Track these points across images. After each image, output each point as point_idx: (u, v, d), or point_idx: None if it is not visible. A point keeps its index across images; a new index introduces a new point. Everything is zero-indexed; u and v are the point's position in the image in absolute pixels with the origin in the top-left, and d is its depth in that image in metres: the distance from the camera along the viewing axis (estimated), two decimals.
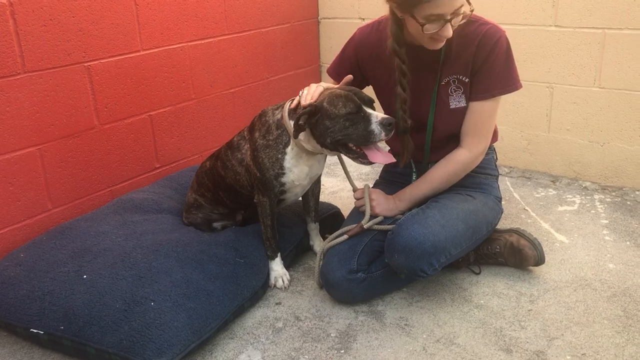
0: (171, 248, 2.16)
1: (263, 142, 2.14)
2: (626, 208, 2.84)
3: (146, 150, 2.89)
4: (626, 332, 1.96)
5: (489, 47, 2.04)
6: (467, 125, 2.16)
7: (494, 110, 2.15)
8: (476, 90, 2.11)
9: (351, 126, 1.97)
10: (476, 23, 2.06)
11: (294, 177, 2.16)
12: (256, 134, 2.17)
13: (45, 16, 2.35)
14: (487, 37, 2.04)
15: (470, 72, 2.09)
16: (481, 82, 2.09)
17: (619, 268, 2.33)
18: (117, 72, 2.67)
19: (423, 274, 1.98)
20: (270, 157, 2.13)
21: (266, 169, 2.14)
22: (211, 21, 3.10)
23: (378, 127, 1.95)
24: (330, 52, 3.91)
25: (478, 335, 1.97)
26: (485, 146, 2.20)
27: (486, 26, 2.06)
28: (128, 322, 1.85)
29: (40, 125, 2.40)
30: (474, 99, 2.12)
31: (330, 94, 2.01)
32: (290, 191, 2.23)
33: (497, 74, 2.08)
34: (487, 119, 2.15)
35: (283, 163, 2.13)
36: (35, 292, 1.99)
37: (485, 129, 2.18)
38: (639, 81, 2.88)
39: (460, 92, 2.13)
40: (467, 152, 2.17)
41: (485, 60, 2.06)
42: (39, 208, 2.46)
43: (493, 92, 2.10)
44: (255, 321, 2.10)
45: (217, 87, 3.23)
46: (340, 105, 1.97)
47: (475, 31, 2.05)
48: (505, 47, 2.06)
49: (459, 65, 2.09)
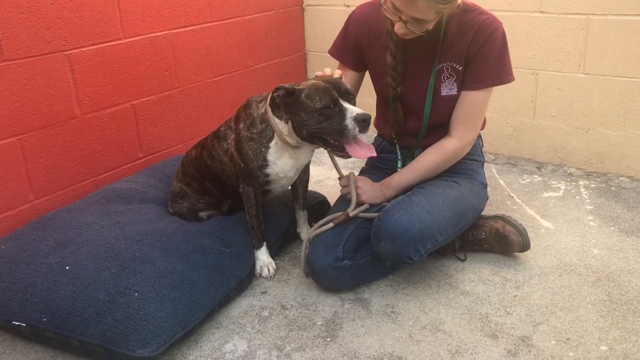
0: (155, 238, 2.14)
1: (247, 134, 2.12)
2: (610, 194, 2.86)
3: (129, 140, 2.85)
4: (610, 316, 1.97)
5: (484, 37, 2.03)
6: (458, 114, 2.15)
7: (486, 101, 2.15)
8: (469, 79, 2.10)
9: (325, 120, 1.95)
10: (474, 12, 2.05)
11: (278, 170, 2.14)
12: (241, 125, 2.15)
13: (23, 3, 2.30)
14: (484, 27, 2.03)
15: (464, 60, 2.08)
16: (474, 71, 2.09)
17: (603, 253, 2.34)
18: (98, 61, 2.62)
19: (409, 261, 1.98)
20: (254, 149, 2.11)
21: (250, 160, 2.12)
22: (194, 8, 3.06)
23: (352, 123, 1.91)
24: (315, 39, 3.88)
25: (464, 322, 1.97)
26: (474, 136, 2.20)
27: (484, 16, 2.05)
28: (112, 313, 1.83)
29: (20, 115, 2.36)
30: (467, 88, 2.12)
31: (311, 85, 1.98)
32: (275, 182, 2.22)
33: (491, 64, 2.07)
34: (478, 110, 2.15)
35: (267, 156, 2.11)
36: (17, 284, 1.96)
37: (476, 119, 2.17)
38: (622, 67, 2.89)
39: (452, 79, 2.12)
40: (456, 142, 2.17)
41: (480, 49, 2.05)
42: (20, 199, 2.42)
43: (486, 82, 2.09)
44: (241, 310, 2.09)
45: (200, 75, 3.19)
46: (316, 99, 1.94)
47: (472, 20, 2.04)
48: (501, 39, 2.06)
49: (454, 53, 2.08)
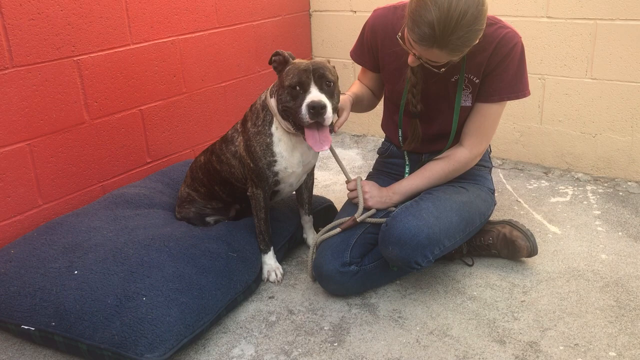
0: (163, 243, 2.15)
1: (254, 129, 2.15)
2: (618, 199, 2.85)
3: (137, 145, 2.87)
4: (619, 322, 1.96)
5: (505, 52, 2.03)
6: (471, 125, 2.16)
7: (499, 113, 2.15)
8: (485, 92, 2.10)
9: (291, 100, 1.98)
10: (495, 26, 2.04)
11: (286, 164, 2.15)
12: (249, 124, 2.18)
13: (33, 10, 2.32)
14: (505, 41, 2.02)
15: (482, 73, 2.08)
16: (492, 84, 2.08)
17: (611, 258, 2.33)
18: (107, 66, 2.64)
19: (417, 266, 1.98)
20: (261, 143, 2.12)
21: (258, 157, 2.13)
22: (202, 14, 3.08)
23: (305, 108, 1.93)
24: (322, 44, 3.89)
25: (471, 327, 1.97)
26: (485, 147, 2.21)
27: (504, 30, 2.04)
28: (120, 318, 1.84)
29: (29, 121, 2.38)
30: (482, 100, 2.12)
31: (298, 62, 2.02)
32: (284, 181, 2.22)
33: (509, 79, 2.07)
34: (491, 122, 2.16)
35: (273, 148, 2.12)
36: (26, 289, 1.97)
37: (488, 131, 2.18)
38: (630, 72, 2.88)
39: (468, 91, 2.12)
40: (468, 152, 2.17)
41: (499, 64, 2.04)
42: (29, 204, 2.44)
43: (502, 96, 2.09)
44: (248, 315, 2.09)
45: (208, 80, 3.20)
46: (290, 76, 1.98)
47: (493, 34, 2.03)
48: (520, 54, 2.05)
49: (473, 65, 2.08)
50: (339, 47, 3.79)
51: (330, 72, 2.01)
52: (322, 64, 2.01)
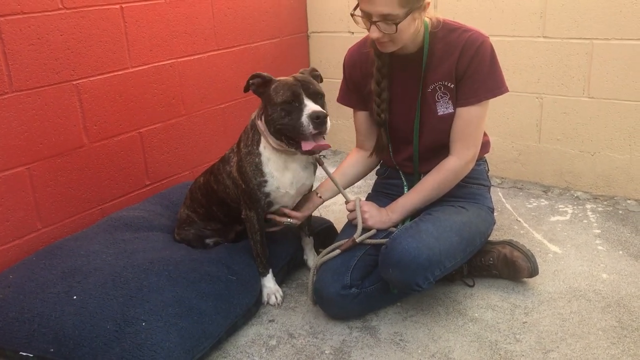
0: (162, 266, 2.14)
1: (245, 150, 2.16)
2: (618, 217, 2.85)
3: (136, 168, 2.87)
4: (621, 343, 1.95)
5: (472, 52, 2.05)
6: (455, 131, 2.15)
7: (482, 115, 2.14)
8: (462, 95, 2.11)
9: (287, 116, 1.98)
10: (459, 30, 2.08)
11: (277, 184, 2.15)
12: (241, 144, 2.20)
13: (33, 35, 2.34)
14: (470, 42, 2.05)
15: (455, 77, 2.09)
16: (467, 87, 2.09)
17: (612, 278, 2.32)
18: (106, 90, 2.65)
19: (418, 288, 1.97)
20: (251, 163, 2.13)
21: (249, 178, 2.13)
22: (201, 37, 3.10)
23: (307, 120, 1.94)
24: (320, 66, 3.91)
25: (473, 350, 1.95)
26: (474, 153, 2.18)
27: (469, 33, 2.07)
28: (119, 343, 1.82)
29: (28, 145, 2.38)
30: (461, 104, 2.12)
31: (283, 79, 2.04)
32: (277, 202, 2.22)
33: (483, 78, 2.08)
34: (475, 125, 2.14)
35: (262, 168, 2.12)
36: (25, 314, 1.96)
37: (474, 135, 2.16)
38: (627, 90, 2.90)
39: (447, 97, 2.13)
40: (456, 159, 2.16)
41: (469, 66, 2.06)
42: (28, 228, 2.43)
43: (479, 96, 2.09)
44: (248, 339, 2.08)
45: (207, 102, 3.22)
46: (280, 93, 1.99)
47: (458, 38, 2.06)
48: (489, 52, 2.06)
49: (443, 72, 2.10)
50: (337, 68, 3.75)
51: (317, 85, 2.07)
52: (307, 78, 2.06)
